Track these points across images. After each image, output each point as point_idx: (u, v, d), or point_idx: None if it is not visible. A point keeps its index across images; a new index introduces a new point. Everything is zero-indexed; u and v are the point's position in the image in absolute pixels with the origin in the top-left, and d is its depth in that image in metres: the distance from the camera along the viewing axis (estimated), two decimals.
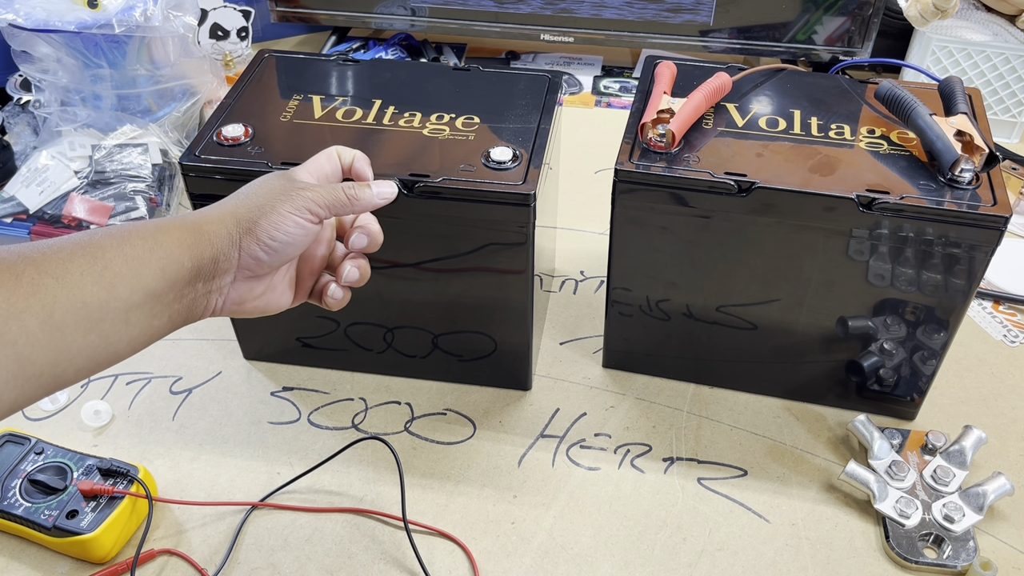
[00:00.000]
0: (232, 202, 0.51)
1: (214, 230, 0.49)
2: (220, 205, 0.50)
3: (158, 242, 0.46)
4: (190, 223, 0.48)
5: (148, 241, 0.46)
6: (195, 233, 0.48)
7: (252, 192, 0.51)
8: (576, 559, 0.62)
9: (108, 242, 0.44)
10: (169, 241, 0.46)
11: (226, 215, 0.50)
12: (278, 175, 0.52)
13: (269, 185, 0.51)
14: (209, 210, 0.50)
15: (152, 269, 0.45)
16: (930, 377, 0.68)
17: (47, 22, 0.88)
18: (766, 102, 0.69)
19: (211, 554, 0.62)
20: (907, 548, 0.61)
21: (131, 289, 0.44)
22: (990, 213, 0.57)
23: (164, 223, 0.48)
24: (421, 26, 1.17)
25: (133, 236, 0.46)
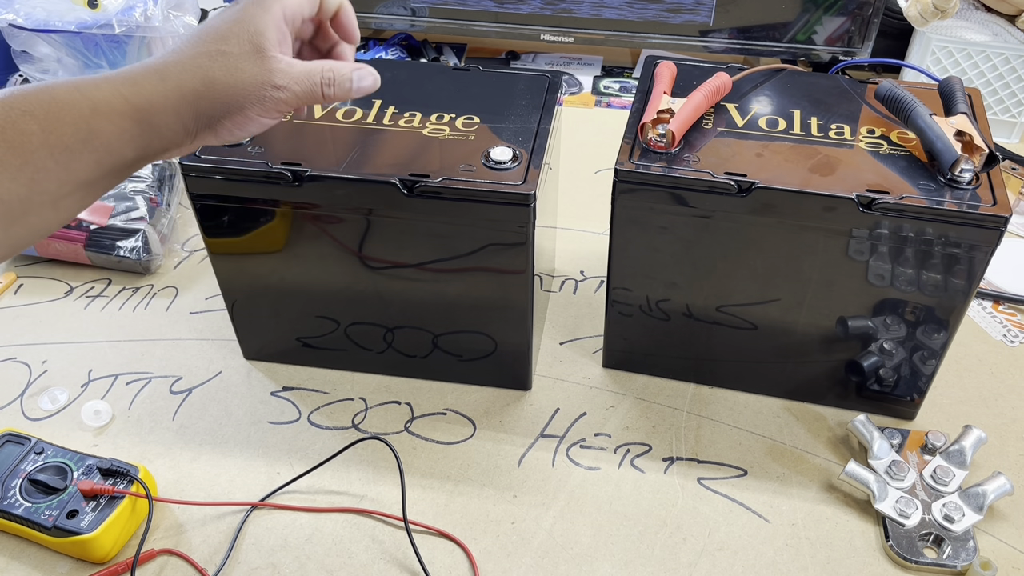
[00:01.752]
0: (191, 85, 0.45)
1: (166, 122, 0.44)
2: (176, 84, 0.44)
3: (93, 131, 0.41)
4: (136, 110, 0.43)
5: (81, 129, 0.41)
6: (142, 124, 0.43)
7: (216, 77, 0.45)
8: (576, 559, 0.62)
9: (31, 126, 0.39)
10: (108, 131, 0.42)
11: (183, 106, 0.44)
12: (248, 44, 0.46)
13: (238, 70, 0.46)
14: (160, 91, 0.44)
15: (85, 163, 0.41)
16: (930, 377, 0.68)
17: (47, 22, 0.88)
18: (766, 102, 0.69)
19: (211, 554, 0.62)
20: (907, 548, 0.61)
21: (59, 183, 0.40)
22: (990, 213, 0.57)
23: (100, 101, 0.42)
24: (421, 26, 1.17)
25: (63, 119, 0.40)
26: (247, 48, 0.46)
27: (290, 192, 0.63)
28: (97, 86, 0.42)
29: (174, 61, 0.45)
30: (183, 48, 0.46)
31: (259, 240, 0.67)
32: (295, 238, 0.67)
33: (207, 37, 0.46)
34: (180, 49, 0.46)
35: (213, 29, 0.46)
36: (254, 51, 0.46)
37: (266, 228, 0.66)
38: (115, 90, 0.42)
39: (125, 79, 0.43)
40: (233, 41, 0.46)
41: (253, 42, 0.46)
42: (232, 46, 0.46)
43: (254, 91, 0.46)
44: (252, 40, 0.46)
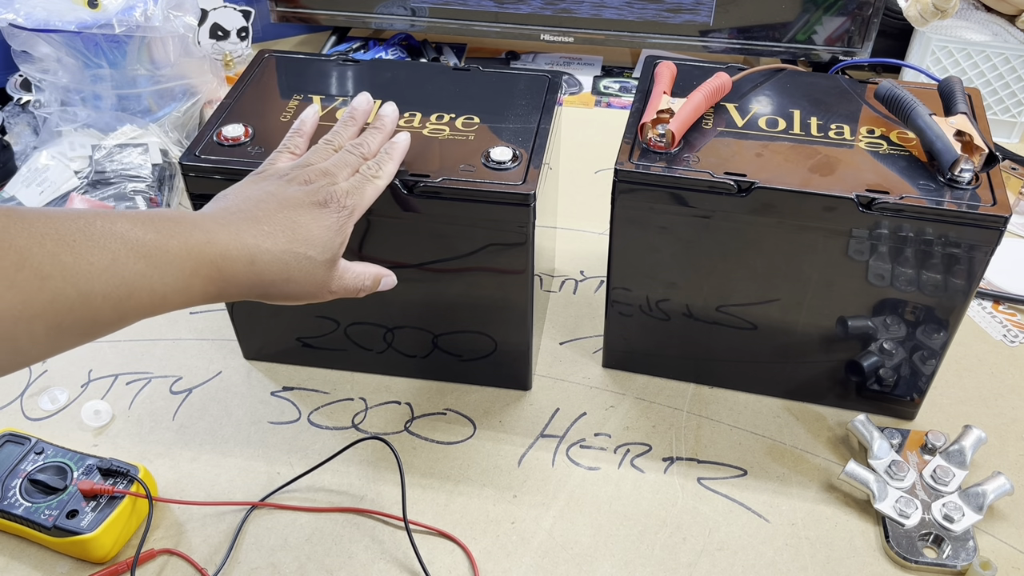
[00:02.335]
0: (272, 277, 0.50)
1: (236, 290, 0.49)
2: (259, 272, 0.49)
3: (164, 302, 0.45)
4: (214, 288, 0.47)
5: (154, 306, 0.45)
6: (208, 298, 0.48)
7: (293, 276, 0.51)
8: (576, 559, 0.62)
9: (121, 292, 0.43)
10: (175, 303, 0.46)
11: (255, 290, 0.49)
12: (330, 254, 0.52)
13: (312, 275, 0.52)
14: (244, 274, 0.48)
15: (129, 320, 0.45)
16: (930, 377, 0.68)
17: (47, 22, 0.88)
18: (766, 102, 0.69)
19: (211, 554, 0.62)
20: (907, 548, 0.61)
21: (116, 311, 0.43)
22: (990, 213, 0.57)
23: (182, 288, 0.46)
24: (421, 26, 1.17)
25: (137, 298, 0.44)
26: (328, 257, 0.52)
27: None
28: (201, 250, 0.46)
29: (265, 250, 0.49)
30: (274, 233, 0.50)
31: None
32: None
33: (299, 238, 0.51)
34: (271, 234, 0.50)
35: (305, 230, 0.51)
36: (331, 261, 0.53)
37: None
38: (212, 259, 0.47)
39: (221, 251, 0.47)
40: (320, 248, 0.52)
41: (334, 253, 0.53)
42: (318, 252, 0.52)
43: (314, 291, 0.53)
44: (334, 252, 0.53)
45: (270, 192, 0.53)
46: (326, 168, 0.56)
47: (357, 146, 0.58)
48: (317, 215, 0.52)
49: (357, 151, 0.58)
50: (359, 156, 0.58)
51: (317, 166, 0.56)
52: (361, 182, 0.56)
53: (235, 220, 0.50)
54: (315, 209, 0.52)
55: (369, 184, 0.56)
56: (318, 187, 0.54)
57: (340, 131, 0.60)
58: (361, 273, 0.56)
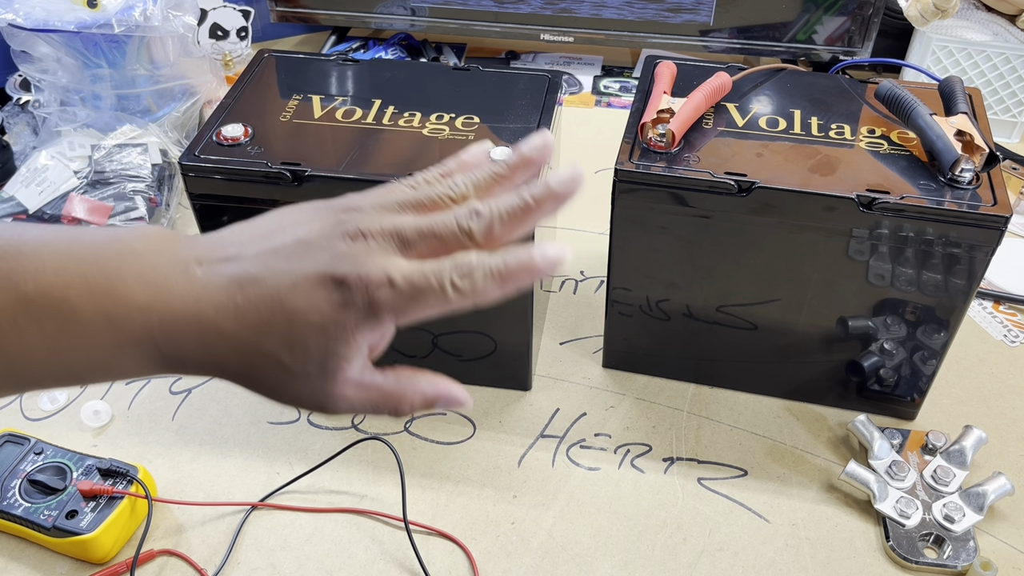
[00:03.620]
0: (232, 360, 0.33)
1: (195, 371, 0.34)
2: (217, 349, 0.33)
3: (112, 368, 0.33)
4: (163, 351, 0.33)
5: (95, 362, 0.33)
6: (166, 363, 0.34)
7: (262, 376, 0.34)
8: (576, 559, 0.62)
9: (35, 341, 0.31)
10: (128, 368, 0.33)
11: (218, 372, 0.34)
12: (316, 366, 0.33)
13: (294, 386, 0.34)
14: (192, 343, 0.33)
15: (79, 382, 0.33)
16: (930, 377, 0.68)
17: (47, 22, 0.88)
18: (766, 102, 0.68)
19: (211, 554, 0.62)
20: (907, 548, 0.61)
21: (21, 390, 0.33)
22: (990, 213, 0.57)
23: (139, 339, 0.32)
24: (421, 26, 1.17)
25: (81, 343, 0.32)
26: (311, 370, 0.34)
27: (289, 192, 0.62)
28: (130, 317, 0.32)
29: (224, 334, 0.33)
30: (244, 310, 0.32)
31: None
32: None
33: (271, 329, 0.33)
34: (240, 309, 0.32)
35: (285, 319, 0.33)
36: (318, 374, 0.34)
37: None
38: (149, 333, 0.33)
39: (162, 323, 0.32)
40: (299, 355, 0.33)
41: (323, 365, 0.34)
42: (295, 360, 0.33)
43: (305, 404, 0.35)
44: (322, 363, 0.33)
45: (297, 238, 0.34)
46: (399, 227, 0.34)
47: (476, 217, 0.35)
48: (316, 301, 0.32)
49: (466, 223, 0.35)
50: (462, 232, 0.35)
51: (395, 219, 0.35)
52: (426, 283, 0.33)
53: (217, 271, 0.33)
54: (320, 288, 0.33)
55: (435, 294, 0.34)
56: (353, 253, 0.33)
57: (480, 179, 0.37)
58: (392, 393, 0.37)
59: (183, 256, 0.34)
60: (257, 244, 0.34)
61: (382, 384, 0.36)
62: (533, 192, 0.35)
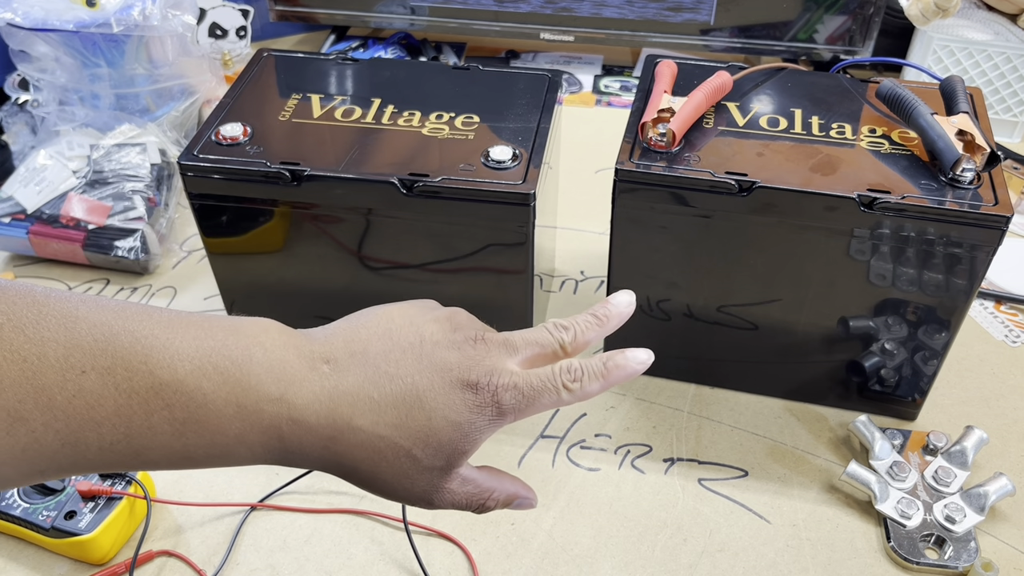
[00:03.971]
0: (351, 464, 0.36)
1: (301, 463, 0.36)
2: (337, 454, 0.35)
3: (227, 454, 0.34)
4: (285, 443, 0.34)
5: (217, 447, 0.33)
6: (282, 454, 0.35)
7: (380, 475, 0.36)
8: (576, 560, 0.61)
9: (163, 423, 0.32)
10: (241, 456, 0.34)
11: (330, 464, 0.36)
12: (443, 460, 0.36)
13: (408, 478, 0.36)
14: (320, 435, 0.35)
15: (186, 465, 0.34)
16: (931, 377, 0.68)
17: (45, 21, 0.88)
18: (767, 101, 0.68)
19: (210, 555, 0.62)
20: (908, 549, 0.61)
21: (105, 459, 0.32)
22: (991, 213, 0.57)
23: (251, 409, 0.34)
24: (420, 25, 1.17)
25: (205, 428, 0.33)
26: (439, 464, 0.37)
27: (289, 192, 0.62)
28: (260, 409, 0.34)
29: (356, 428, 0.35)
30: (379, 409, 0.35)
31: (258, 240, 0.67)
32: (294, 238, 0.66)
33: (410, 425, 0.35)
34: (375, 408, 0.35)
35: (424, 416, 0.36)
36: (443, 468, 0.37)
37: (265, 228, 0.66)
38: (276, 425, 0.34)
39: (292, 415, 0.34)
40: (432, 449, 0.36)
41: (450, 461, 0.37)
42: (427, 455, 0.36)
43: (408, 497, 0.38)
44: (450, 458, 0.37)
45: (420, 337, 0.37)
46: (508, 337, 0.39)
47: (565, 330, 0.41)
48: (453, 400, 0.36)
49: (557, 334, 0.40)
50: (556, 339, 0.40)
51: (502, 333, 0.40)
52: (541, 383, 0.38)
53: (347, 369, 0.36)
54: (455, 390, 0.36)
55: (550, 393, 0.38)
56: (481, 357, 0.37)
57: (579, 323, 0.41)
58: (487, 490, 0.40)
59: (309, 352, 0.36)
60: (380, 343, 0.37)
61: (479, 480, 0.39)
62: (604, 311, 0.42)
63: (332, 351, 0.36)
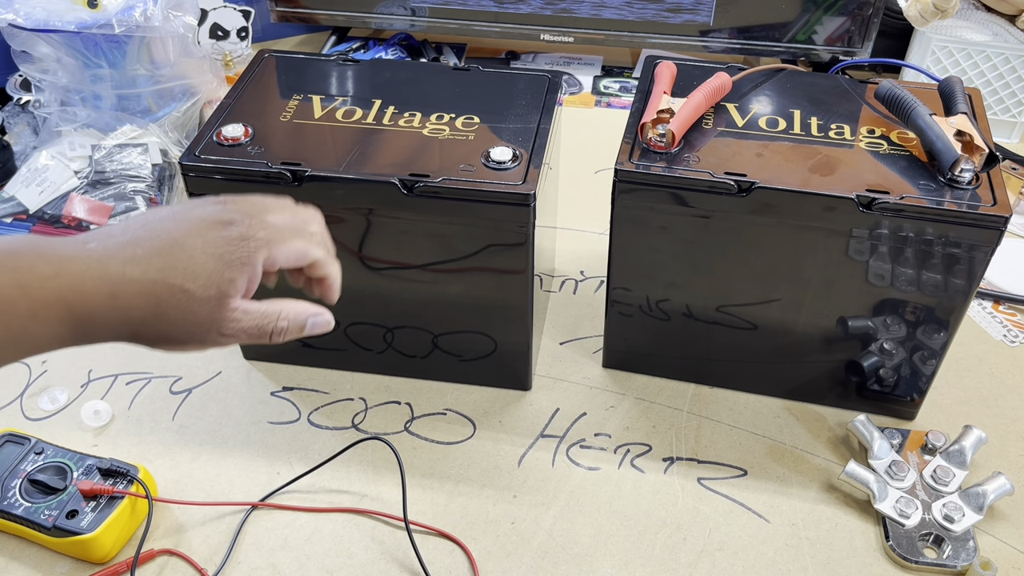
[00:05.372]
0: (139, 313, 0.41)
1: (100, 333, 0.41)
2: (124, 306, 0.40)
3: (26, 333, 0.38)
4: (76, 320, 0.39)
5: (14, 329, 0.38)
6: (76, 333, 0.40)
7: (167, 313, 0.41)
8: (576, 559, 0.62)
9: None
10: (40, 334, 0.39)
11: (123, 327, 0.41)
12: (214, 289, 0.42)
13: (191, 312, 0.41)
14: (105, 307, 0.40)
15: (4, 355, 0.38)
16: (930, 377, 0.68)
17: (47, 22, 0.88)
18: (766, 102, 0.69)
19: (211, 554, 0.62)
20: (907, 548, 0.61)
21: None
22: (990, 213, 0.57)
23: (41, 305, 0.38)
24: (421, 26, 1.17)
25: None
26: (212, 293, 0.42)
27: (290, 192, 0.63)
28: (41, 285, 0.39)
29: (130, 279, 0.40)
30: (145, 258, 0.41)
31: None
32: None
33: (175, 264, 0.41)
34: (141, 259, 0.41)
35: (186, 255, 0.41)
36: (217, 297, 0.42)
37: None
38: (60, 296, 0.39)
39: (72, 284, 0.39)
40: (201, 280, 0.41)
41: (220, 288, 0.42)
42: (198, 286, 0.41)
43: (199, 333, 0.43)
44: (220, 286, 0.42)
45: (176, 210, 0.44)
46: (261, 202, 0.46)
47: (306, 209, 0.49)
48: (211, 238, 0.42)
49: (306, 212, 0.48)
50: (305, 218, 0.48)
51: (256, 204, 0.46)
52: (291, 229, 0.45)
53: (107, 242, 0.41)
54: (211, 229, 0.42)
55: (299, 238, 0.46)
56: (234, 208, 0.44)
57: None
58: (270, 312, 0.45)
59: (75, 240, 0.41)
60: (138, 222, 0.43)
61: (261, 307, 0.44)
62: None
63: (93, 236, 0.42)
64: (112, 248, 0.41)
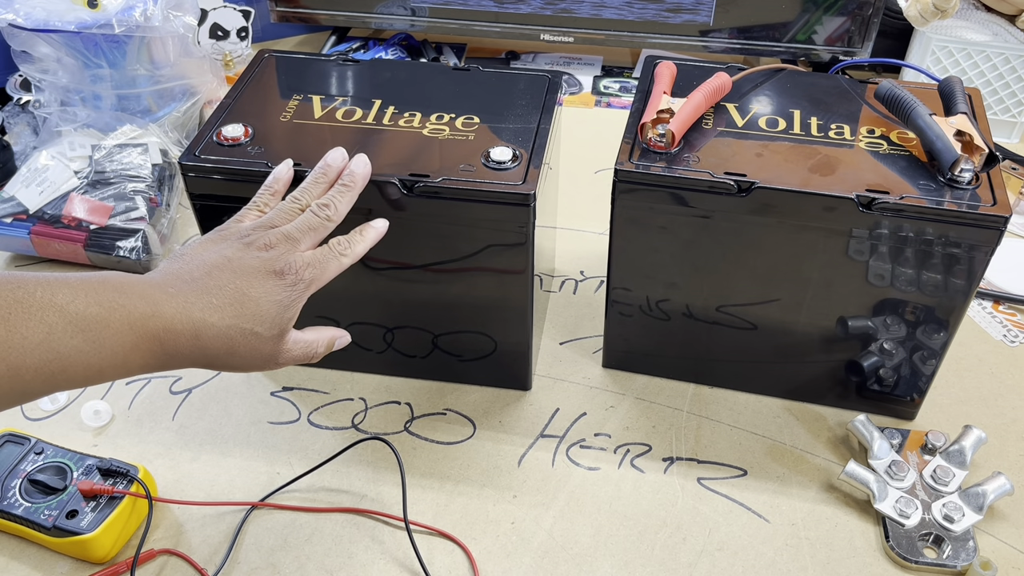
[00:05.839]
0: (216, 351, 0.49)
1: (180, 362, 0.49)
2: (204, 345, 0.49)
3: (128, 365, 0.46)
4: (163, 353, 0.47)
5: (118, 357, 0.46)
6: (161, 363, 0.48)
7: (238, 351, 0.50)
8: (576, 559, 0.62)
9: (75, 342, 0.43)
10: (136, 364, 0.47)
11: (199, 358, 0.49)
12: (277, 329, 0.51)
13: (257, 349, 0.51)
14: (189, 347, 0.48)
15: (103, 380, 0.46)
16: (930, 377, 0.68)
17: (47, 22, 0.88)
18: (766, 102, 0.69)
19: (211, 554, 0.62)
20: (907, 548, 0.61)
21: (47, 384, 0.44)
22: (990, 213, 0.57)
23: (140, 341, 0.46)
24: (421, 26, 1.17)
25: (105, 339, 0.45)
26: (275, 332, 0.51)
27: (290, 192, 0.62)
28: (144, 324, 0.46)
29: (210, 324, 0.48)
30: (221, 307, 0.49)
31: None
32: None
33: (246, 312, 0.50)
34: (217, 308, 0.49)
35: (254, 303, 0.50)
36: (279, 336, 0.52)
37: None
38: (156, 334, 0.47)
39: (165, 326, 0.47)
40: (268, 324, 0.51)
41: (283, 328, 0.52)
42: (265, 328, 0.51)
43: (259, 364, 0.52)
44: (282, 325, 0.52)
45: (227, 258, 0.52)
46: (288, 232, 0.54)
47: (323, 207, 0.56)
48: (270, 287, 0.51)
49: (323, 213, 0.55)
50: (324, 219, 0.55)
51: (280, 229, 0.54)
52: (326, 257, 0.54)
53: (184, 290, 0.49)
54: (269, 280, 0.51)
55: (334, 260, 0.54)
56: (277, 255, 0.52)
57: (309, 188, 0.58)
58: (312, 341, 0.55)
59: (157, 284, 0.49)
60: (199, 269, 0.51)
61: (306, 337, 0.55)
62: (350, 179, 0.58)
63: (169, 281, 0.50)
64: (191, 296, 0.49)
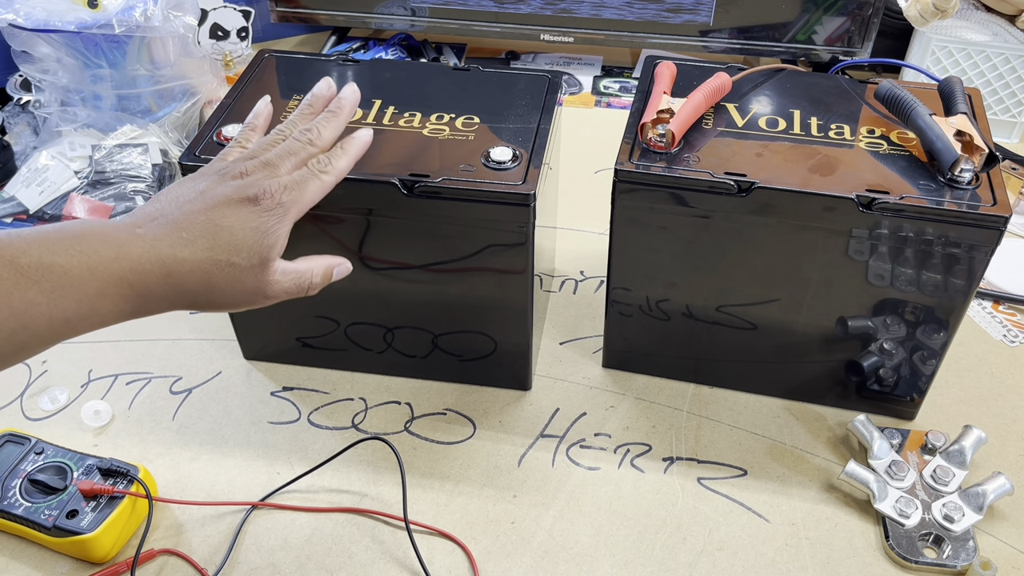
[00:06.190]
0: (193, 287, 0.47)
1: (158, 307, 0.47)
2: (179, 282, 0.46)
3: (95, 310, 0.44)
4: (137, 296, 0.45)
5: (84, 306, 0.43)
6: (138, 308, 0.46)
7: (217, 285, 0.47)
8: (576, 559, 0.62)
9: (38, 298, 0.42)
10: (107, 310, 0.45)
11: (179, 299, 0.47)
12: (257, 257, 0.48)
13: (239, 281, 0.48)
14: (163, 286, 0.46)
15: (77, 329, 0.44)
16: (930, 377, 0.68)
17: (47, 22, 0.88)
18: (766, 102, 0.69)
19: (211, 554, 0.62)
20: (907, 548, 0.61)
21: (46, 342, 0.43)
22: (990, 213, 0.57)
23: (107, 283, 0.44)
24: (421, 26, 1.17)
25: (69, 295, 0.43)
26: (255, 261, 0.48)
27: None
28: (107, 267, 0.44)
29: (182, 259, 0.46)
30: (192, 239, 0.46)
31: None
32: (294, 238, 0.66)
33: (219, 242, 0.47)
34: (188, 240, 0.46)
35: (227, 232, 0.47)
36: (260, 263, 0.49)
37: None
38: (122, 276, 0.44)
39: (132, 267, 0.45)
40: (245, 253, 0.48)
41: (263, 257, 0.49)
42: (243, 258, 0.48)
43: (245, 299, 0.49)
44: (262, 254, 0.49)
45: (200, 191, 0.49)
46: (268, 159, 0.51)
47: (306, 132, 0.54)
48: (245, 215, 0.48)
49: (305, 138, 0.53)
50: (306, 143, 0.53)
51: (259, 158, 0.52)
52: (304, 177, 0.51)
53: (154, 227, 0.47)
54: (243, 207, 0.48)
55: (313, 179, 0.52)
56: (252, 181, 0.50)
57: (295, 120, 0.56)
58: (304, 271, 0.52)
59: (122, 225, 0.46)
60: (171, 205, 0.49)
61: (297, 267, 0.52)
62: (337, 105, 0.56)
63: (139, 220, 0.47)
64: (160, 232, 0.46)
